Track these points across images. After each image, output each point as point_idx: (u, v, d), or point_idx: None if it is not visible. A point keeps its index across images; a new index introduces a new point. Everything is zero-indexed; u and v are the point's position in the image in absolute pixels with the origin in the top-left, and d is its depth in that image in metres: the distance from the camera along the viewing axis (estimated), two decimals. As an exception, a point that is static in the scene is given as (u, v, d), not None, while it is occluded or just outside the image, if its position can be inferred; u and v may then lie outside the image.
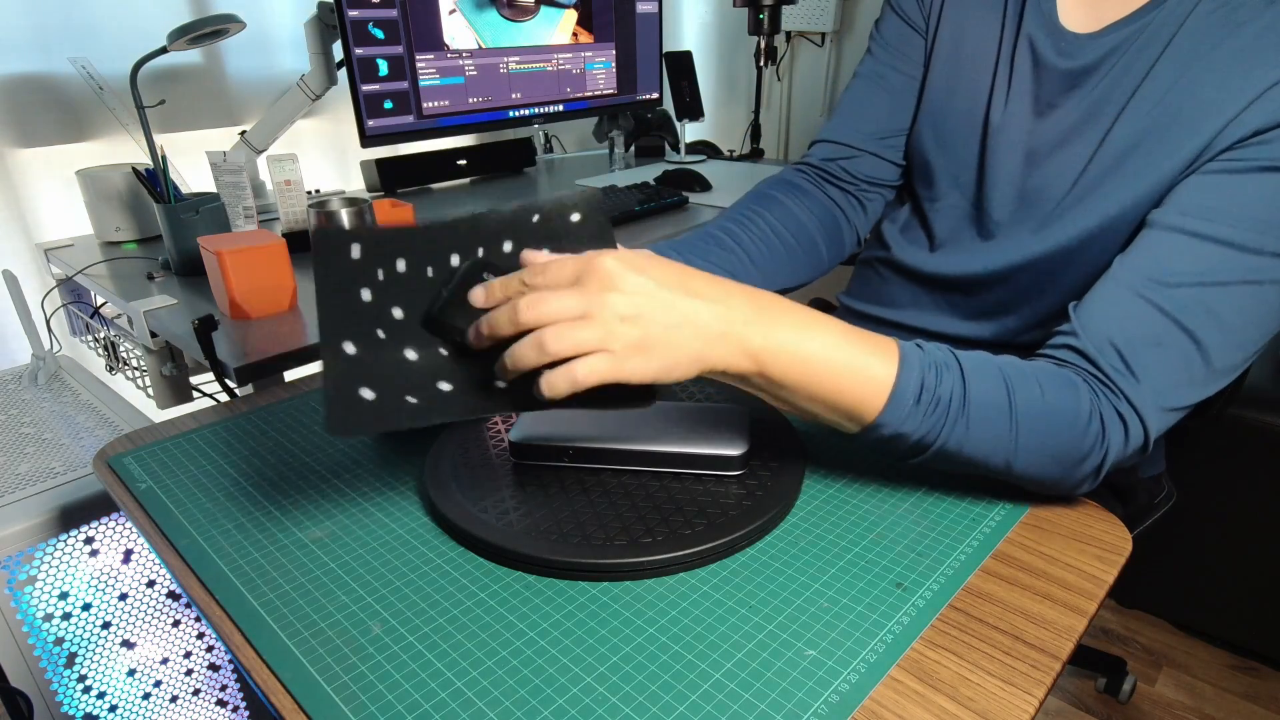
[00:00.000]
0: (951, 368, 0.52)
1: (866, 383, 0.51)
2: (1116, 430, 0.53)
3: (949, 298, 0.78)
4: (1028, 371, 0.53)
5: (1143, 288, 0.55)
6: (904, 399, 0.51)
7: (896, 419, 0.51)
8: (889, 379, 0.51)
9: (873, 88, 0.81)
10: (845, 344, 0.51)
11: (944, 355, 0.53)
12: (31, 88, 1.26)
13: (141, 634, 0.94)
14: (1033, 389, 0.52)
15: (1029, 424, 0.52)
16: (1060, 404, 0.52)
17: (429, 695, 0.43)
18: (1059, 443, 0.52)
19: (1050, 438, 0.52)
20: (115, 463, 0.66)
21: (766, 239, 0.78)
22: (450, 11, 1.41)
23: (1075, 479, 0.54)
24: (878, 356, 0.51)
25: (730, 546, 0.53)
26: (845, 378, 0.50)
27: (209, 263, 0.91)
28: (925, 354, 0.52)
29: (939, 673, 0.44)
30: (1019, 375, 0.53)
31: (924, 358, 0.52)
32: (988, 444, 0.52)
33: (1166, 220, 0.57)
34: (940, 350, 0.53)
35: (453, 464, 0.61)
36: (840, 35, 2.27)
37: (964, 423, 0.51)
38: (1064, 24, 0.66)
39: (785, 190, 0.82)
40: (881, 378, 0.51)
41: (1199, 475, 1.36)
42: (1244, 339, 0.54)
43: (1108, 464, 0.54)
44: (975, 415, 0.51)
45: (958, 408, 0.51)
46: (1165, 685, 1.38)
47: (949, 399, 0.51)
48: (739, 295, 0.50)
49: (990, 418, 0.51)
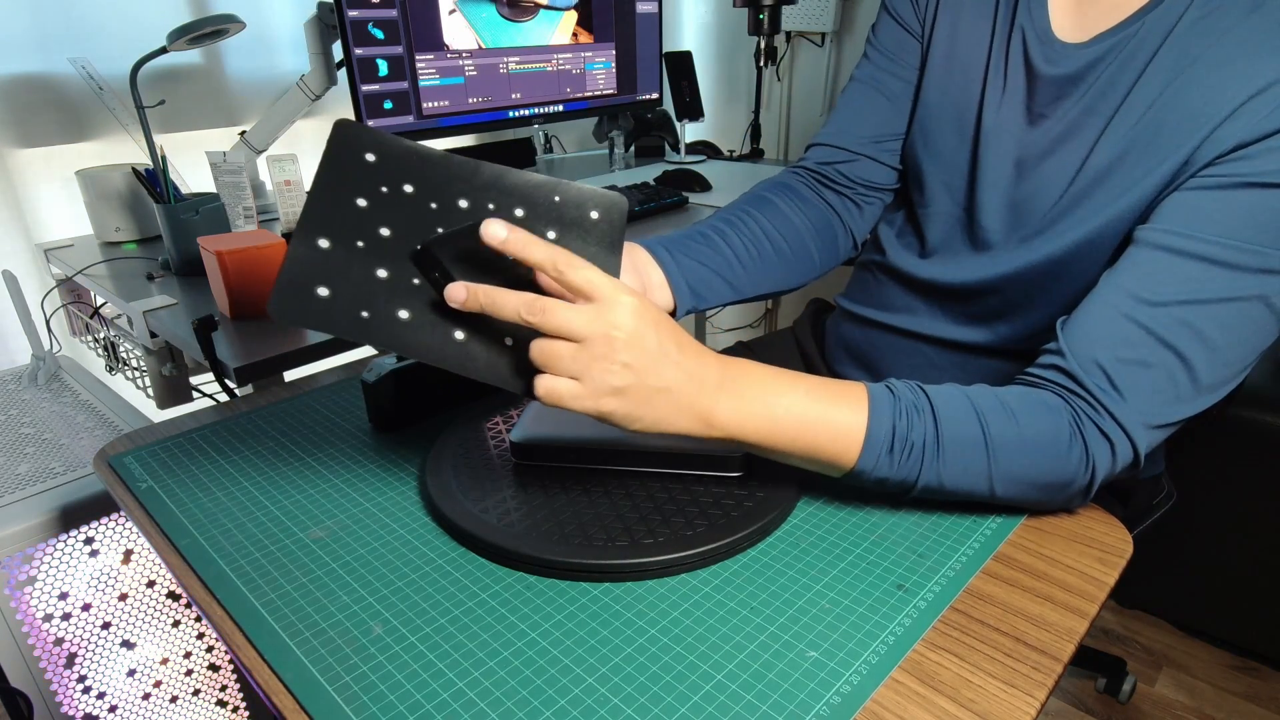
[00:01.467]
0: (923, 410, 0.53)
1: (838, 437, 0.52)
2: (1102, 450, 0.53)
3: (943, 303, 0.78)
4: (1002, 402, 0.54)
5: (1128, 306, 0.55)
6: (877, 447, 0.52)
7: (871, 466, 0.53)
8: (859, 429, 0.52)
9: (869, 92, 0.80)
10: (813, 401, 0.52)
11: (914, 396, 0.54)
12: (31, 88, 1.26)
13: (141, 634, 0.94)
14: (1007, 421, 0.53)
15: (1006, 455, 0.53)
16: (1037, 432, 0.53)
17: (431, 695, 0.43)
18: (1040, 470, 0.53)
19: (1030, 466, 0.53)
20: (116, 462, 0.66)
21: (757, 241, 0.78)
22: (450, 11, 1.41)
23: (1063, 499, 0.56)
24: (847, 409, 0.53)
25: (732, 547, 0.53)
26: (816, 433, 0.52)
27: (209, 263, 0.91)
28: (895, 399, 0.54)
29: (940, 674, 0.44)
30: (992, 408, 0.54)
31: (894, 403, 0.53)
32: (967, 479, 0.54)
33: (1151, 238, 0.56)
34: (911, 391, 0.55)
35: (454, 464, 0.61)
36: (840, 35, 2.27)
37: (939, 462, 0.53)
38: (1055, 33, 0.66)
39: (780, 193, 0.82)
40: (853, 430, 0.52)
41: (1199, 475, 1.36)
42: (1230, 357, 0.54)
43: (1096, 483, 0.54)
44: (950, 454, 0.53)
45: (931, 450, 0.53)
46: (1165, 685, 1.38)
47: (922, 442, 0.53)
48: (710, 363, 0.51)
49: (965, 454, 0.53)
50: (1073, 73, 0.64)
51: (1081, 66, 0.64)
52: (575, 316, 0.47)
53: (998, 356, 0.74)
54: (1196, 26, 0.58)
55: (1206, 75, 0.57)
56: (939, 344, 0.78)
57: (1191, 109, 0.57)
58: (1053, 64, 0.66)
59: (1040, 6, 0.67)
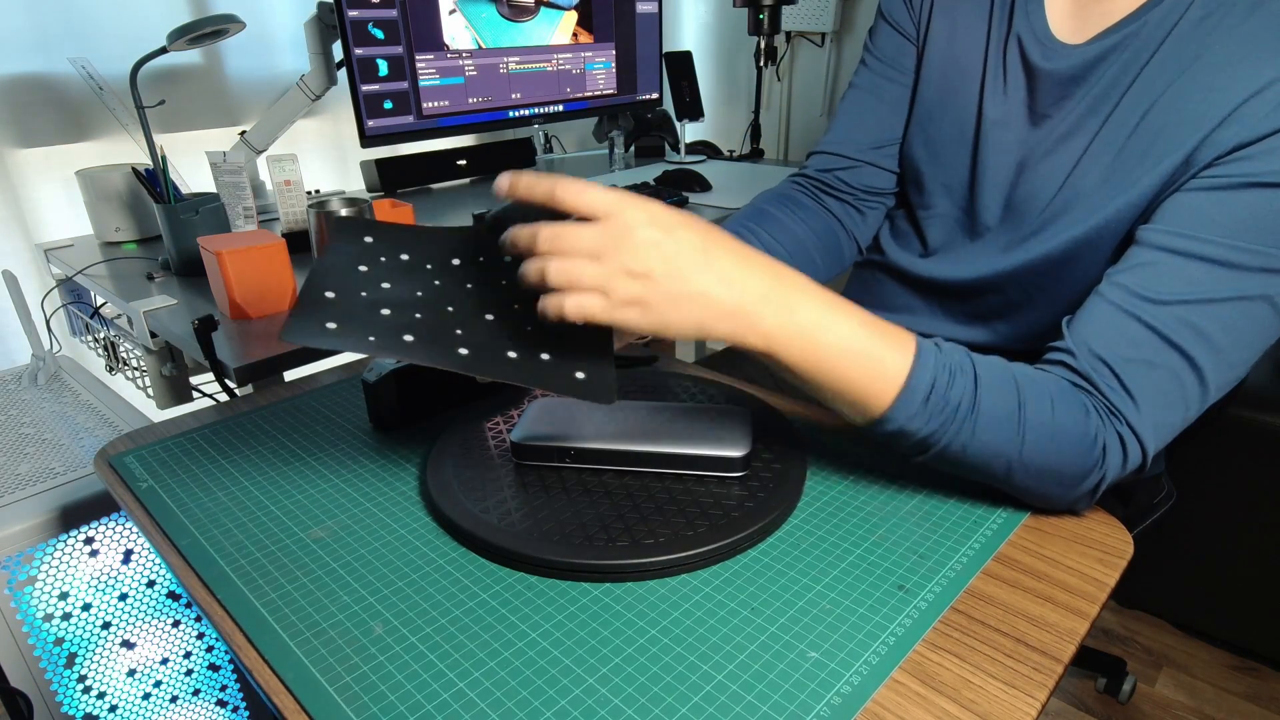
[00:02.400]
0: (966, 371, 0.52)
1: (878, 377, 0.51)
2: (1116, 454, 0.53)
3: (943, 302, 0.78)
4: (1042, 385, 0.53)
5: (1133, 306, 0.55)
6: (913, 397, 0.51)
7: (903, 416, 0.51)
8: (901, 375, 0.51)
9: (868, 98, 0.81)
10: (863, 334, 0.51)
11: (960, 357, 0.53)
12: (31, 88, 1.26)
13: (141, 634, 0.94)
14: (1045, 404, 0.52)
15: (1035, 438, 0.52)
16: (1069, 423, 0.52)
17: (431, 696, 0.43)
18: (1062, 460, 0.53)
19: (1055, 455, 0.52)
20: (116, 462, 0.66)
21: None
22: (450, 11, 1.41)
23: (1072, 497, 0.55)
24: (894, 350, 0.51)
25: (732, 548, 0.53)
26: (858, 368, 0.51)
27: (209, 263, 0.91)
28: (941, 354, 0.52)
29: (941, 675, 0.44)
30: (1033, 387, 0.53)
31: (939, 358, 0.52)
32: (991, 452, 0.52)
33: (1154, 238, 0.56)
34: (958, 352, 0.53)
35: (454, 464, 0.61)
36: (840, 35, 2.27)
37: (970, 428, 0.51)
38: (1054, 33, 0.66)
39: (779, 204, 0.82)
40: (894, 373, 0.51)
41: (1199, 475, 1.36)
42: (1234, 358, 0.54)
43: (1104, 486, 0.54)
44: (982, 423, 0.51)
45: (965, 412, 0.51)
46: (1165, 685, 1.38)
47: (958, 403, 0.51)
48: (759, 273, 0.50)
49: (997, 427, 0.52)
50: (1075, 72, 0.64)
51: (1083, 65, 0.64)
52: (585, 231, 0.48)
53: (999, 356, 0.74)
54: (1200, 26, 0.58)
55: (1207, 75, 0.57)
56: None
57: (1191, 109, 0.57)
58: (1053, 62, 0.65)
59: (1038, 10, 0.67)
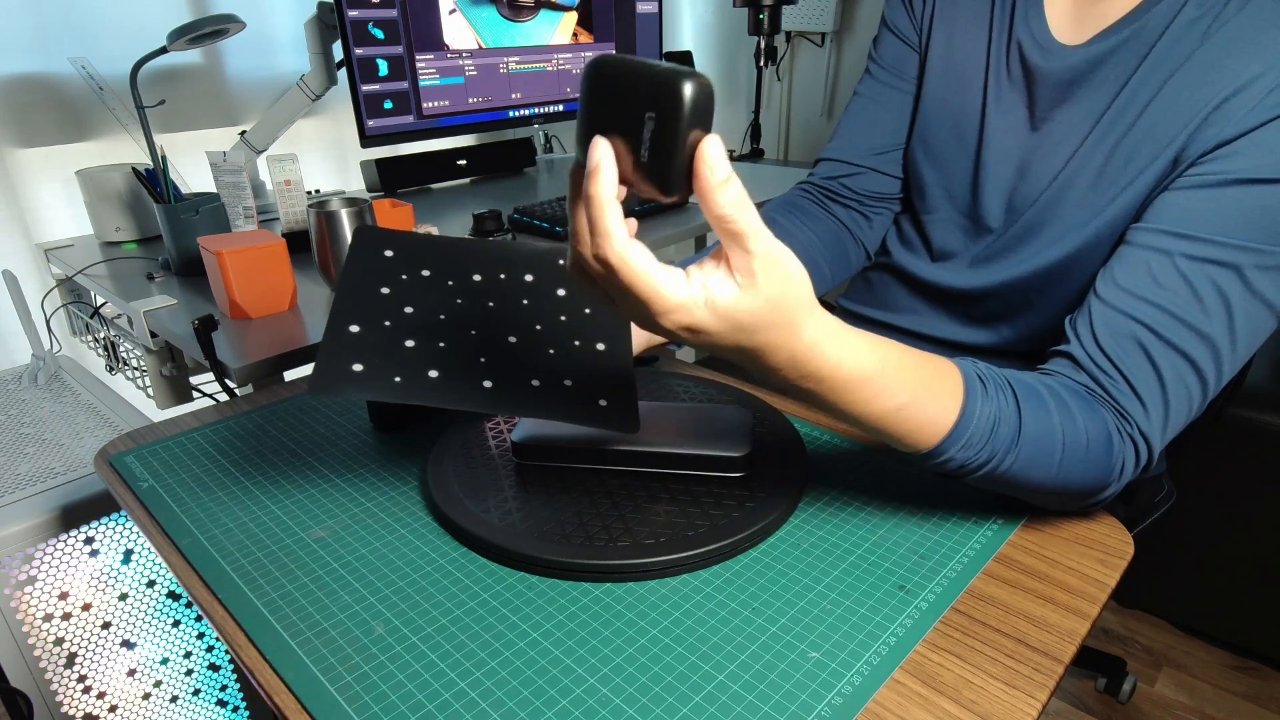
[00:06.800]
0: (1008, 402, 0.50)
1: (925, 425, 0.47)
2: (1130, 458, 0.53)
3: (945, 305, 0.78)
4: (1068, 403, 0.52)
5: (1130, 307, 0.55)
6: (961, 437, 0.48)
7: (948, 453, 0.49)
8: (950, 419, 0.48)
9: (872, 106, 0.81)
10: (916, 389, 0.47)
11: (999, 387, 0.50)
12: (31, 88, 1.25)
13: (141, 634, 0.94)
14: (1076, 424, 0.51)
15: (1072, 455, 0.51)
16: (1097, 431, 0.52)
17: (432, 695, 0.43)
18: (1088, 472, 0.52)
19: (1085, 469, 0.52)
20: (117, 461, 0.66)
21: None
22: (450, 11, 1.41)
23: (1090, 502, 0.55)
24: (944, 395, 0.48)
25: (733, 548, 0.53)
26: (908, 420, 0.47)
27: (209, 263, 0.91)
28: (987, 394, 0.49)
29: (942, 675, 0.44)
30: (1063, 410, 0.51)
31: (985, 401, 0.49)
32: (1032, 475, 0.51)
33: (1146, 238, 0.56)
34: (995, 379, 0.51)
35: (455, 464, 0.61)
36: (840, 35, 2.27)
37: (1013, 457, 0.49)
38: (1054, 35, 0.66)
39: (787, 213, 0.83)
40: (943, 419, 0.48)
41: (1199, 475, 1.36)
42: (1232, 354, 0.54)
43: (1118, 489, 0.54)
44: (1025, 451, 0.50)
45: (1010, 442, 0.49)
46: (1165, 685, 1.38)
47: (1000, 432, 0.49)
48: (816, 377, 0.44)
49: (1039, 455, 0.50)
50: (1074, 73, 0.64)
51: (1082, 66, 0.64)
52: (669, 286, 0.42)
53: (1002, 358, 0.75)
54: (1193, 26, 0.58)
55: (1196, 74, 0.57)
56: (942, 345, 0.78)
57: (1181, 108, 0.58)
58: (1052, 63, 0.66)
59: (1038, 14, 0.67)
